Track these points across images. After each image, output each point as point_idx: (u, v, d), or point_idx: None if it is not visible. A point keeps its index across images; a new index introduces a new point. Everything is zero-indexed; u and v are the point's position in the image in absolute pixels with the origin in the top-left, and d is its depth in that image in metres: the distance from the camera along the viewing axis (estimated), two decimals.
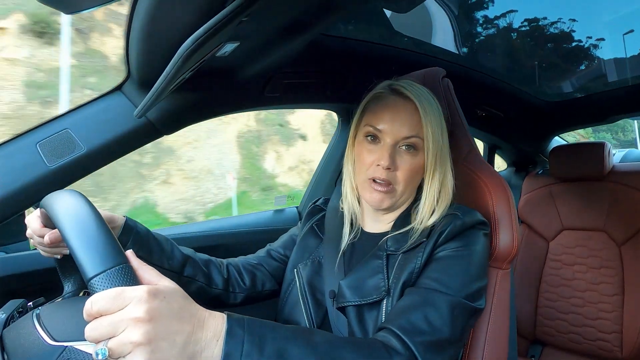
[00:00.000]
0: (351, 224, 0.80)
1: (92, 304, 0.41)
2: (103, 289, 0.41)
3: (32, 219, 0.64)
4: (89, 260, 0.43)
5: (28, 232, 0.66)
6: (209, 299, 0.78)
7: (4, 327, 0.55)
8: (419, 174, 0.73)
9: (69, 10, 0.65)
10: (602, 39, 1.45)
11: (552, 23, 1.41)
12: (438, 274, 0.65)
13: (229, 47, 0.67)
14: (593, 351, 1.49)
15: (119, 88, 0.88)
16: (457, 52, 1.41)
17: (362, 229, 0.80)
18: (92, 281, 0.42)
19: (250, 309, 1.01)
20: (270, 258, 0.88)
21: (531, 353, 1.60)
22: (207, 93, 0.92)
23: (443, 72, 0.88)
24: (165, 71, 0.55)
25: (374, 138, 0.72)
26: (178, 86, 0.75)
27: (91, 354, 0.46)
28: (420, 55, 1.23)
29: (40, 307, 0.55)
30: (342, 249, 0.77)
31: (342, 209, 0.83)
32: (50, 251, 0.65)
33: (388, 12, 1.16)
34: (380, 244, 0.73)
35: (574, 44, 1.48)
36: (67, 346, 0.48)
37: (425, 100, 0.71)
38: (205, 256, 0.82)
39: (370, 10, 1.15)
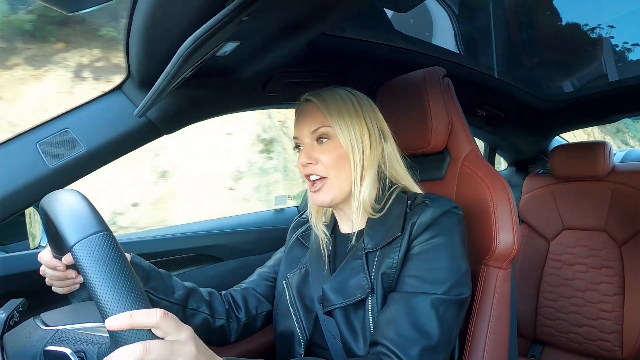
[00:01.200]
0: (330, 230, 0.81)
1: (161, 319, 0.42)
2: (85, 256, 0.42)
3: (44, 252, 0.65)
4: (70, 229, 0.44)
5: (41, 269, 0.66)
6: (213, 331, 0.78)
7: (4, 327, 0.55)
8: (344, 160, 0.73)
9: (69, 10, 0.65)
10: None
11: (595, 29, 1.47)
12: (417, 271, 0.65)
13: (229, 47, 0.67)
14: (593, 351, 1.49)
15: (119, 87, 0.88)
16: (458, 52, 1.41)
17: (339, 232, 0.81)
18: (74, 248, 0.43)
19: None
20: (260, 279, 0.87)
21: (531, 353, 1.60)
22: (208, 92, 0.92)
23: (443, 71, 0.88)
24: (165, 71, 0.55)
25: (298, 146, 0.77)
26: (178, 86, 0.75)
27: (84, 333, 0.48)
28: (420, 55, 1.23)
29: (41, 314, 0.56)
30: (325, 254, 0.78)
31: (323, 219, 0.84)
32: (65, 284, 0.67)
33: (389, 12, 1.16)
34: (357, 244, 0.73)
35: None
36: (59, 329, 0.49)
37: (328, 95, 0.74)
38: (207, 289, 0.82)
39: (370, 10, 1.15)
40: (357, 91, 0.78)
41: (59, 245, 0.61)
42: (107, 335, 0.44)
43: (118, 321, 0.40)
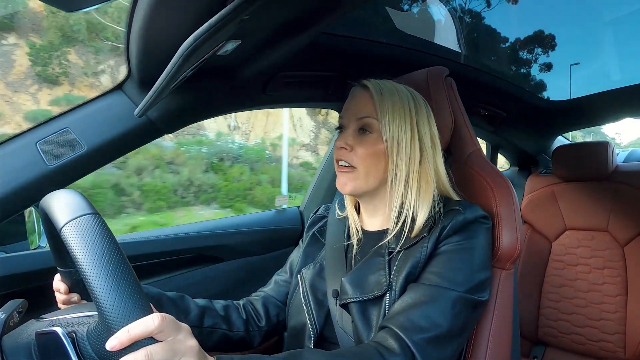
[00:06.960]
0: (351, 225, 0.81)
1: (159, 325, 0.42)
2: (74, 237, 0.42)
3: (56, 276, 0.67)
4: (60, 212, 0.45)
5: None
6: (232, 343, 0.78)
7: (3, 328, 0.54)
8: (379, 157, 0.72)
9: (68, 9, 0.65)
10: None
11: None
12: (440, 269, 0.65)
13: (230, 46, 0.66)
14: (596, 352, 1.48)
15: (119, 87, 0.87)
16: (460, 51, 1.41)
17: (362, 228, 0.80)
18: (63, 229, 0.43)
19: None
20: (278, 286, 0.87)
21: (534, 354, 1.59)
22: (208, 92, 0.92)
23: (446, 71, 0.87)
24: (166, 70, 0.55)
25: (341, 127, 0.77)
26: (179, 85, 0.74)
27: (76, 318, 0.49)
28: (422, 54, 1.22)
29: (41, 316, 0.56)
30: (345, 249, 0.77)
31: (339, 214, 0.84)
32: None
33: (390, 11, 1.15)
34: (382, 243, 0.73)
35: None
36: (53, 319, 0.50)
37: (386, 88, 0.73)
38: (222, 302, 0.81)
39: (372, 9, 1.14)
40: (419, 95, 0.76)
41: (62, 257, 0.61)
42: (96, 314, 0.45)
43: (117, 341, 0.40)
